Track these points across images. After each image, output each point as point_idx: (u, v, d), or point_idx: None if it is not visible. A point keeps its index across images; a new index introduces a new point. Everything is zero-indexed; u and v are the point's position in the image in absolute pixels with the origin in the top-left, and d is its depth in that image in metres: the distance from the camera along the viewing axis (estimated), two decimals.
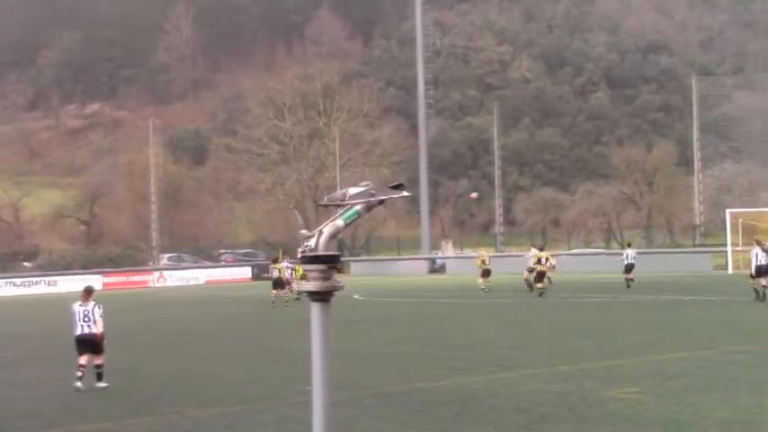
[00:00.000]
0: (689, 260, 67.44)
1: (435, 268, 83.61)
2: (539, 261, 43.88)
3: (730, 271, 61.80)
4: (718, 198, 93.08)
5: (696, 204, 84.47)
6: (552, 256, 48.70)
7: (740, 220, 66.49)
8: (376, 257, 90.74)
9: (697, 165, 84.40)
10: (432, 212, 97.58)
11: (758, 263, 35.70)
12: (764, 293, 35.04)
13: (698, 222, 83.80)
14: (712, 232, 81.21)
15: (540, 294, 41.54)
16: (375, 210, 5.17)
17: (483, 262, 47.54)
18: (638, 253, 51.63)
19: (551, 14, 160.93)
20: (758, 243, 37.95)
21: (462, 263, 77.26)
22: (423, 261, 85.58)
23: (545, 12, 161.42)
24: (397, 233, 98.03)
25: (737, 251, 63.50)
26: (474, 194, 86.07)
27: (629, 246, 51.08)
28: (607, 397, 15.17)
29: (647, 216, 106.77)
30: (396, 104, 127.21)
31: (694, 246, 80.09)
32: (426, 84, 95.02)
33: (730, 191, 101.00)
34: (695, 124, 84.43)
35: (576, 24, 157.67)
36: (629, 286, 44.89)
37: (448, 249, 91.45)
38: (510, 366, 19.24)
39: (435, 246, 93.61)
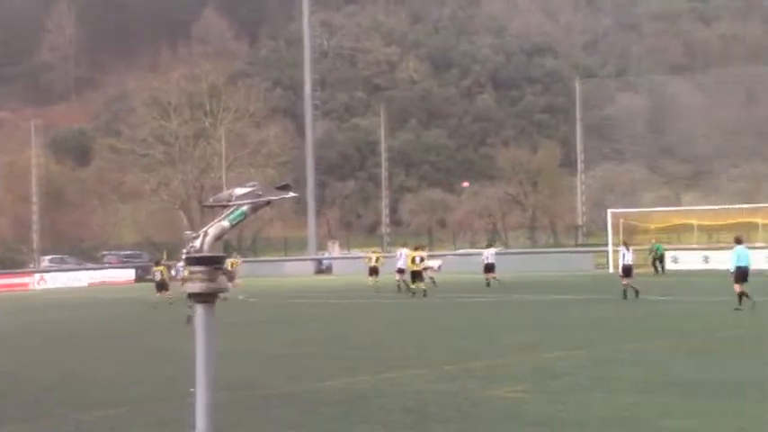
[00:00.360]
0: (571, 260, 68.56)
1: (322, 269, 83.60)
2: (413, 261, 44.04)
3: (611, 270, 62.90)
4: (600, 198, 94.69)
5: (579, 205, 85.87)
6: (430, 256, 49.12)
7: (621, 220, 67.75)
8: (263, 258, 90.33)
9: (580, 166, 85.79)
10: (318, 213, 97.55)
11: (625, 263, 36.79)
12: (626, 292, 35.93)
13: (580, 222, 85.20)
14: (594, 232, 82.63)
15: (424, 294, 41.77)
16: (261, 210, 5.14)
17: (369, 260, 47.81)
18: (498, 253, 52.57)
19: (438, 16, 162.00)
20: (625, 244, 39.21)
21: (349, 263, 77.37)
22: (309, 262, 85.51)
23: (432, 13, 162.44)
24: (283, 234, 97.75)
25: (619, 250, 64.69)
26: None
27: (488, 246, 51.96)
28: (492, 396, 15.30)
29: (531, 216, 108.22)
30: (283, 105, 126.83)
31: (577, 245, 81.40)
32: (313, 85, 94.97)
33: (612, 191, 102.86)
34: (579, 125, 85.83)
35: (462, 26, 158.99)
36: (488, 285, 45.76)
37: (334, 250, 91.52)
38: (397, 366, 19.30)
39: (322, 246, 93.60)
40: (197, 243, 4.98)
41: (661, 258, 57.02)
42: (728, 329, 25.06)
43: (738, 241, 32.11)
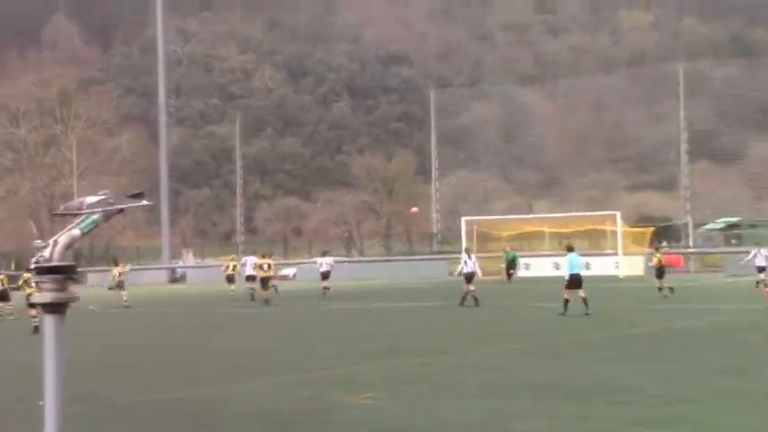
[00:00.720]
0: (426, 267, 69.19)
1: (176, 278, 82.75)
2: (260, 267, 43.96)
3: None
4: (454, 206, 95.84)
5: (433, 213, 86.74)
6: (287, 265, 49.19)
7: (475, 227, 68.72)
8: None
9: (435, 174, 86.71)
10: (172, 222, 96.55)
11: (467, 270, 37.55)
12: (469, 298, 36.83)
13: (435, 230, 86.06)
14: (449, 240, 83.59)
15: (266, 302, 41.68)
16: (114, 219, 5.10)
17: (227, 267, 47.55)
18: (336, 261, 53.07)
19: (294, 24, 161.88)
20: (467, 252, 40.11)
21: (203, 272, 76.77)
22: (163, 271, 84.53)
23: (287, 21, 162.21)
24: (136, 243, 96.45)
25: (460, 259, 65.58)
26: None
27: (324, 254, 52.40)
28: (346, 403, 15.37)
29: (386, 224, 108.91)
30: (136, 112, 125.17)
31: (431, 253, 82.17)
32: (167, 92, 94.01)
33: (466, 199, 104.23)
34: (433, 134, 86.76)
35: (318, 34, 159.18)
36: (324, 294, 46.10)
37: (188, 259, 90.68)
38: (251, 375, 19.25)
39: (176, 255, 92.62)
40: (46, 252, 4.91)
41: (513, 266, 57.18)
42: (576, 334, 25.64)
43: (570, 249, 32.89)
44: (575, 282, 30.95)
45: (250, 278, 46.66)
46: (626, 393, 15.33)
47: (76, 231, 4.94)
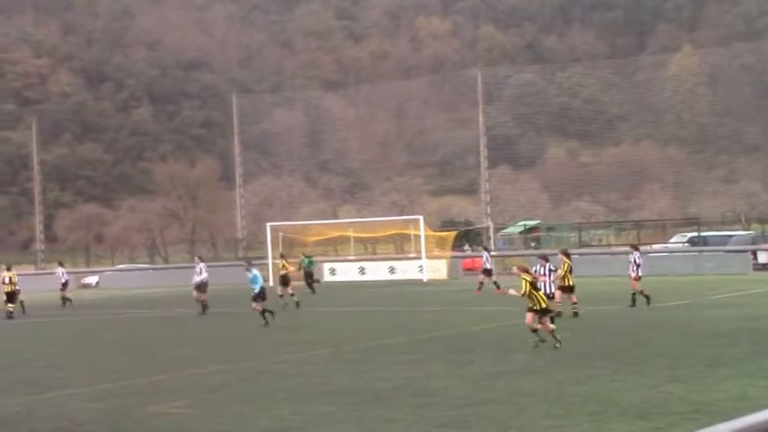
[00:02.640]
0: (231, 273, 68.61)
1: None
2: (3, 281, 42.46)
3: (271, 283, 63.54)
4: (259, 212, 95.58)
5: (238, 219, 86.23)
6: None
7: (281, 233, 68.60)
8: None
9: (239, 180, 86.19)
10: None
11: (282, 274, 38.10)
12: (286, 303, 37.41)
13: (240, 236, 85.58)
14: (254, 245, 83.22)
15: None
16: None
17: (3, 282, 44.43)
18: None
19: (91, 28, 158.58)
20: (282, 257, 40.42)
21: None
22: None
23: (84, 25, 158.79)
24: None
25: (278, 263, 65.44)
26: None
27: (59, 264, 52.09)
28: (151, 412, 15.10)
29: (191, 231, 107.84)
30: None
31: (237, 259, 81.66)
32: None
33: (271, 205, 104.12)
34: (236, 140, 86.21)
35: (116, 39, 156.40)
36: (64, 304, 45.82)
37: None
38: (50, 387, 18.69)
39: None
40: None
41: (310, 273, 54.76)
42: (381, 338, 25.83)
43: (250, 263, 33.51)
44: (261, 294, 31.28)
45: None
46: (431, 395, 15.52)
47: None
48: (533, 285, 21.50)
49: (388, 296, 41.64)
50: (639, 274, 31.83)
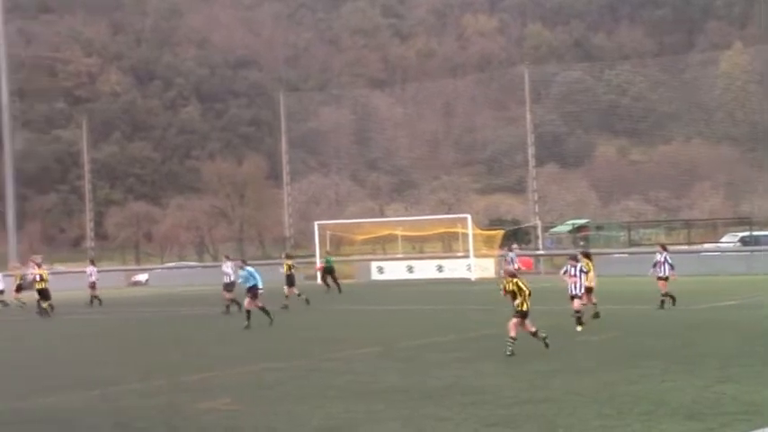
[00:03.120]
0: (280, 271, 68.81)
1: (24, 285, 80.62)
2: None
3: (319, 281, 63.71)
4: (307, 210, 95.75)
5: (286, 217, 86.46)
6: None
7: (328, 231, 68.78)
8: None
9: (286, 178, 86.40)
10: (19, 227, 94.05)
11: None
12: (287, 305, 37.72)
13: (288, 234, 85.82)
14: (302, 244, 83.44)
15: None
16: None
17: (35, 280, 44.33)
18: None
19: (140, 27, 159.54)
20: (288, 257, 40.47)
21: (52, 278, 74.95)
22: (10, 278, 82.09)
23: (133, 24, 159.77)
24: None
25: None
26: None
27: (90, 263, 52.05)
28: (202, 409, 15.21)
29: (239, 229, 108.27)
30: None
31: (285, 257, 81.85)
32: (11, 95, 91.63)
33: (318, 203, 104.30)
34: (284, 138, 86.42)
35: (165, 38, 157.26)
36: (91, 303, 45.66)
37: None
38: (105, 382, 18.87)
39: (24, 262, 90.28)
40: None
41: (331, 271, 51.97)
42: (431, 337, 25.85)
43: (245, 263, 33.08)
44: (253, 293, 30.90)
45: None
46: (480, 394, 15.53)
47: None
48: (514, 291, 20.87)
49: (436, 295, 41.63)
50: (668, 274, 31.46)
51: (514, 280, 21.06)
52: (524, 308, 20.84)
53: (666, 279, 31.26)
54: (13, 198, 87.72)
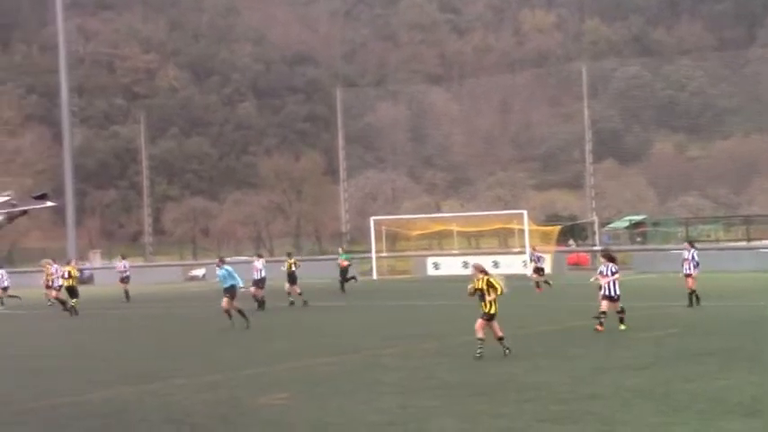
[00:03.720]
0: (336, 267, 68.92)
1: (83, 279, 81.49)
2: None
3: (375, 276, 63.81)
4: (363, 206, 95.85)
5: (342, 212, 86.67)
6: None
7: (384, 227, 68.82)
8: (20, 269, 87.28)
9: (343, 174, 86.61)
10: (79, 223, 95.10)
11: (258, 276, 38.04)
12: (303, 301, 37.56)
13: (344, 230, 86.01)
14: (358, 239, 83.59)
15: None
16: (18, 220, 4.98)
17: (63, 277, 44.01)
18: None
19: (197, 24, 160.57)
20: (289, 255, 40.12)
21: (111, 273, 75.70)
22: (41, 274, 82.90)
23: (191, 21, 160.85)
24: (42, 244, 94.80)
25: (382, 257, 65.74)
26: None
27: (122, 258, 52.29)
28: (257, 404, 15.26)
29: (295, 224, 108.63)
30: (38, 112, 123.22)
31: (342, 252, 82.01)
32: (70, 91, 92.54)
33: (375, 199, 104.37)
34: (341, 134, 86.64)
35: (222, 34, 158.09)
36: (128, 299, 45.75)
37: (96, 260, 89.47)
38: (159, 377, 19.01)
39: (83, 257, 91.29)
40: None
41: (346, 269, 49.29)
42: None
43: (222, 261, 32.49)
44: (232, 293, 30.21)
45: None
46: (536, 390, 15.46)
47: None
48: (484, 290, 20.02)
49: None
50: (693, 272, 30.95)
51: (486, 277, 20.12)
52: (492, 310, 19.95)
53: (692, 276, 30.78)
54: (72, 194, 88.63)
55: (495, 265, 62.28)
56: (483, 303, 20.02)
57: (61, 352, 25.93)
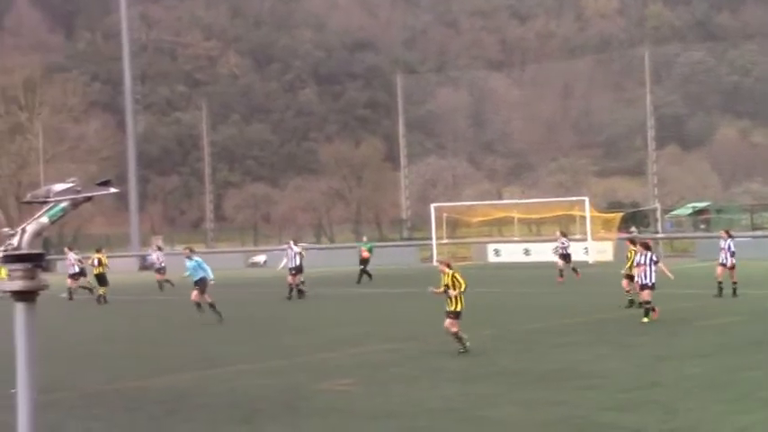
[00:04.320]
0: (396, 253, 69.09)
1: (145, 265, 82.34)
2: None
3: (436, 263, 63.72)
4: (423, 193, 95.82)
5: (403, 199, 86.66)
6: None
7: (444, 214, 68.75)
8: (84, 255, 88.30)
9: (403, 160, 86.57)
10: (141, 209, 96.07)
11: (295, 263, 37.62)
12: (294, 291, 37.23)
13: (405, 216, 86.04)
14: (419, 226, 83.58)
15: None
16: (82, 206, 5.02)
17: (93, 264, 44.15)
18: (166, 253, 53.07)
19: (258, 10, 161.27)
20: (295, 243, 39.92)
21: (173, 260, 76.36)
22: (133, 258, 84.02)
23: (252, 7, 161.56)
24: (105, 230, 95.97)
25: (443, 244, 65.68)
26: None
27: (157, 248, 51.78)
28: (319, 390, 15.33)
29: (356, 211, 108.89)
30: (102, 99, 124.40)
31: (401, 239, 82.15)
32: (133, 78, 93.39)
33: (435, 186, 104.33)
34: (401, 120, 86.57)
35: (282, 21, 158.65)
36: (161, 288, 45.65)
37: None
38: (221, 363, 19.16)
39: (146, 243, 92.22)
40: (15, 241, 4.82)
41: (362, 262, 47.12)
42: (546, 320, 25.69)
43: (192, 251, 31.67)
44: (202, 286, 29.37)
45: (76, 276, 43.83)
46: (597, 378, 15.38)
47: (45, 219, 4.86)
48: (450, 286, 19.10)
49: (552, 277, 41.26)
50: (732, 261, 30.27)
51: (451, 272, 19.26)
52: (457, 308, 19.12)
53: (730, 267, 30.12)
54: (135, 180, 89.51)
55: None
56: (448, 300, 19.20)
57: (124, 337, 26.22)
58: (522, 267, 56.16)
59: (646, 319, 23.37)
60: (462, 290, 19.05)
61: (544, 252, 63.00)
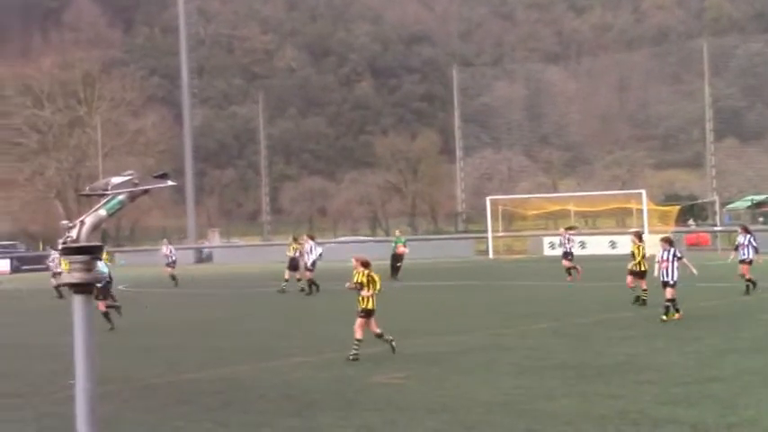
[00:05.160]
0: (452, 246, 69.04)
1: (202, 258, 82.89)
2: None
3: (491, 256, 63.63)
4: (479, 186, 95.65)
5: (458, 192, 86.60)
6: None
7: (500, 207, 68.60)
8: (141, 248, 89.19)
9: (459, 153, 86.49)
10: (198, 202, 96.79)
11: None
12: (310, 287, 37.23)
13: (460, 209, 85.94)
14: (474, 219, 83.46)
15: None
16: (139, 199, 5.06)
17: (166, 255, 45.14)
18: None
19: (315, 4, 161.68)
20: (294, 240, 40.33)
21: (230, 252, 76.83)
22: (189, 251, 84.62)
23: (308, 1, 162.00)
24: (162, 223, 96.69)
25: (498, 237, 65.53)
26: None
27: (168, 242, 51.62)
28: (374, 383, 15.34)
29: (411, 204, 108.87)
30: (160, 93, 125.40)
31: (457, 232, 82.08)
32: (191, 72, 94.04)
33: (491, 179, 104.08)
34: (457, 113, 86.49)
35: (339, 14, 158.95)
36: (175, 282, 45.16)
37: (215, 239, 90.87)
38: (277, 355, 19.23)
39: (202, 235, 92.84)
40: (73, 233, 4.87)
41: (400, 256, 45.76)
42: (603, 314, 25.54)
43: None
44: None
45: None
46: (654, 372, 15.26)
47: (103, 212, 4.90)
48: (363, 284, 18.43)
49: (609, 270, 40.97)
50: (752, 257, 29.74)
51: (366, 271, 18.61)
52: (369, 305, 18.45)
53: (750, 263, 29.57)
54: (192, 173, 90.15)
55: (613, 245, 61.73)
56: (359, 299, 18.61)
57: (179, 329, 26.41)
58: (578, 260, 55.76)
59: (665, 318, 22.65)
60: (377, 290, 18.57)
61: (600, 245, 62.70)
